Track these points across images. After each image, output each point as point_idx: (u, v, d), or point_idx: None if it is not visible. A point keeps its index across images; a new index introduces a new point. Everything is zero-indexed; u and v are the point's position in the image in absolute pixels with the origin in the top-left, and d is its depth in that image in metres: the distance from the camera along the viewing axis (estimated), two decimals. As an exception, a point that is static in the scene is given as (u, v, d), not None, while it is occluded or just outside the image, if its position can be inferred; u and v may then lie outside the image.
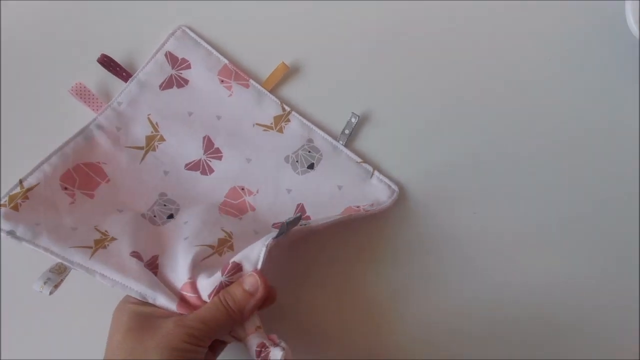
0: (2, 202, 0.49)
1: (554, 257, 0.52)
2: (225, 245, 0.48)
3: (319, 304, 0.51)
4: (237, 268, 0.44)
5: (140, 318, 0.42)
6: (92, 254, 0.46)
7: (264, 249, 0.43)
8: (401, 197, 0.52)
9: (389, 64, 0.55)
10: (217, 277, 0.44)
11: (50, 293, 0.44)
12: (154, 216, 0.52)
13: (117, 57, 0.54)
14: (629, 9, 0.50)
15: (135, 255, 0.46)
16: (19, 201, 0.49)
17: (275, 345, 0.41)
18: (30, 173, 0.50)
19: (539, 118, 0.54)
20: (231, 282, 0.44)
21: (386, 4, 0.56)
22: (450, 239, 0.52)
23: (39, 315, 0.51)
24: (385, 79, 0.55)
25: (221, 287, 0.43)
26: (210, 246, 0.47)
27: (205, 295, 0.44)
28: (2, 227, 0.47)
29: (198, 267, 0.45)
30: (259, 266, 0.43)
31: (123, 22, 0.56)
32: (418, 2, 0.56)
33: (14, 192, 0.49)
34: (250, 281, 0.43)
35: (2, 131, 0.55)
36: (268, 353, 0.41)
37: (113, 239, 0.47)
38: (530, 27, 0.55)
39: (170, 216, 0.52)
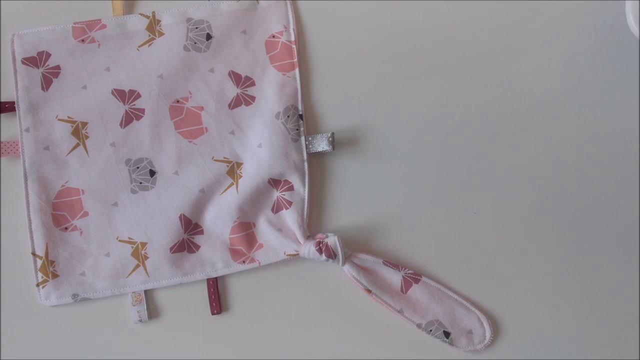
0: (41, 280, 0.50)
1: (554, 256, 0.52)
2: (234, 170, 0.51)
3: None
4: (287, 184, 0.51)
5: None
6: (147, 273, 0.50)
7: (305, 163, 0.51)
8: (399, 199, 0.53)
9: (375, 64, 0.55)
10: (274, 194, 0.51)
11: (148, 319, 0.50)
12: (140, 182, 0.52)
13: None
14: (629, 9, 0.50)
15: (176, 247, 0.50)
16: (51, 269, 0.50)
17: (326, 237, 0.49)
18: (32, 242, 0.50)
19: (538, 118, 0.54)
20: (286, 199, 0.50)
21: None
22: (450, 239, 0.52)
23: (38, 316, 0.51)
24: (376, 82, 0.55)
25: (280, 204, 0.50)
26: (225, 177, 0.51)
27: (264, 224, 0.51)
28: (66, 296, 0.50)
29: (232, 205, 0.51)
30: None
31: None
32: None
33: (39, 265, 0.50)
34: None
35: None
36: (326, 243, 0.48)
37: (144, 244, 0.50)
38: (530, 28, 0.55)
39: (152, 172, 0.52)
